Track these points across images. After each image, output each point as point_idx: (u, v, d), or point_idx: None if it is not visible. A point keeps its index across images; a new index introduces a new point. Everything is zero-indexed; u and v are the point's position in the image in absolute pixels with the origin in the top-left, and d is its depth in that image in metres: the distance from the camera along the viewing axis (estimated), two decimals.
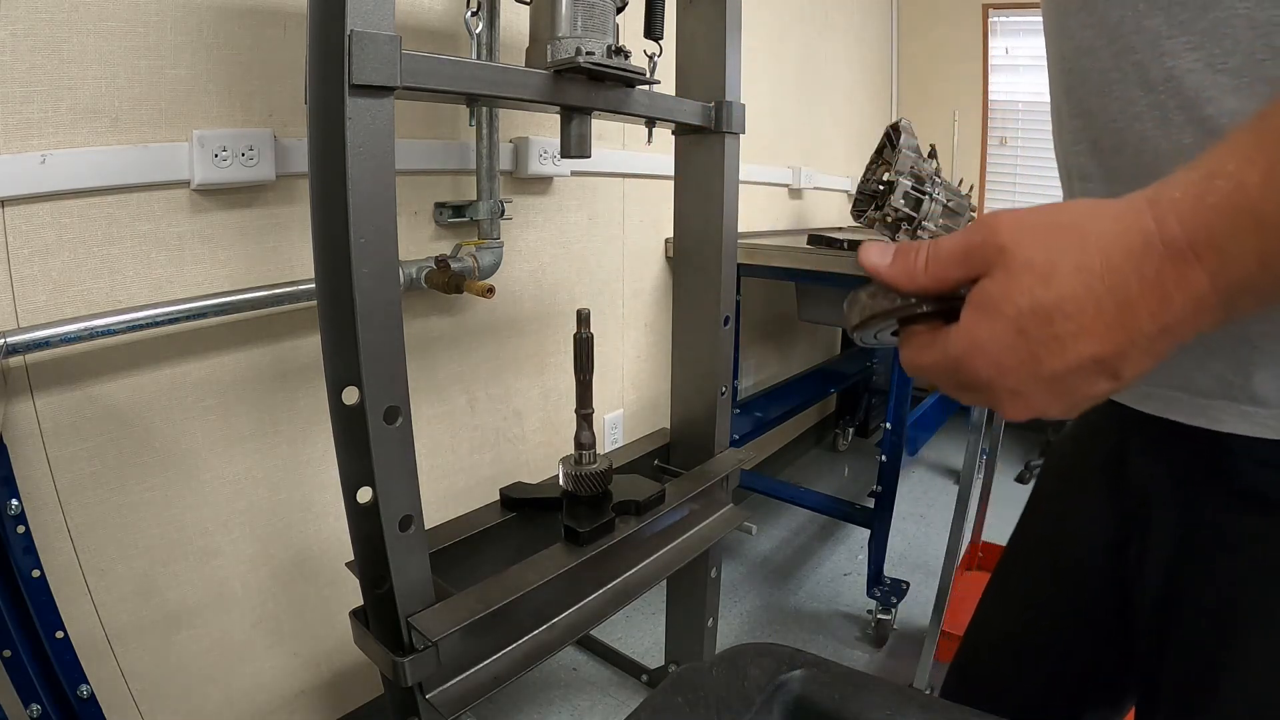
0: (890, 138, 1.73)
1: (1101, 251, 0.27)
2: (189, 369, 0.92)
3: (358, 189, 0.62)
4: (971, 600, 0.71)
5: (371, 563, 0.73)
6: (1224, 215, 0.25)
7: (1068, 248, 0.28)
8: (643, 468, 1.19)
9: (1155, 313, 0.27)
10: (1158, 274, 0.26)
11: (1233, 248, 0.25)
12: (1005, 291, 0.29)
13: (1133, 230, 0.27)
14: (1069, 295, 0.27)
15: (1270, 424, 0.36)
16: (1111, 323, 0.27)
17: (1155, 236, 0.26)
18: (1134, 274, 0.27)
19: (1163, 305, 0.27)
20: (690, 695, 0.38)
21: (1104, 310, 0.27)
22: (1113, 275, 0.27)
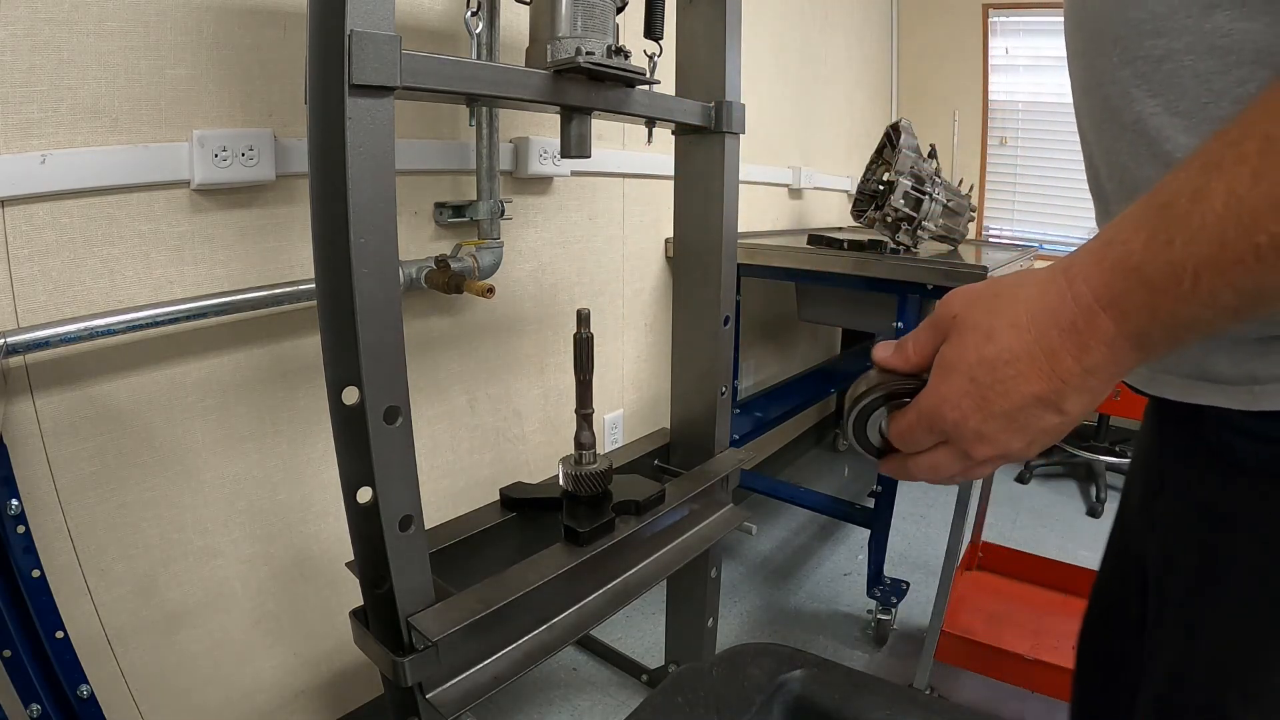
0: (890, 138, 1.73)
1: (1028, 311, 0.34)
2: (189, 369, 0.92)
3: (358, 189, 0.62)
4: (972, 600, 0.71)
5: (371, 563, 0.73)
6: (1117, 274, 0.31)
7: (1003, 311, 0.35)
8: (643, 468, 1.19)
9: (1077, 356, 0.33)
10: (1073, 325, 0.33)
11: (1127, 301, 0.31)
12: (958, 351, 0.36)
13: (1051, 293, 0.34)
14: (1006, 347, 0.34)
15: (1236, 396, 0.41)
16: (1044, 367, 0.34)
17: (1068, 295, 0.33)
18: (1054, 327, 0.33)
19: (1082, 350, 0.33)
20: (690, 695, 0.38)
21: (1035, 357, 0.34)
22: (1038, 329, 0.34)
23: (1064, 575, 1.56)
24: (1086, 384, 0.34)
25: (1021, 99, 2.81)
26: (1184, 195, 0.29)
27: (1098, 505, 2.26)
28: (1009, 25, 2.78)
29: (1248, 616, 0.43)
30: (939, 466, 0.40)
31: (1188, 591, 0.47)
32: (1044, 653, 1.32)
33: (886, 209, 1.62)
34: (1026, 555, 1.61)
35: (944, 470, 0.40)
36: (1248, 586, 0.43)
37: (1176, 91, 0.38)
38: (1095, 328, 0.32)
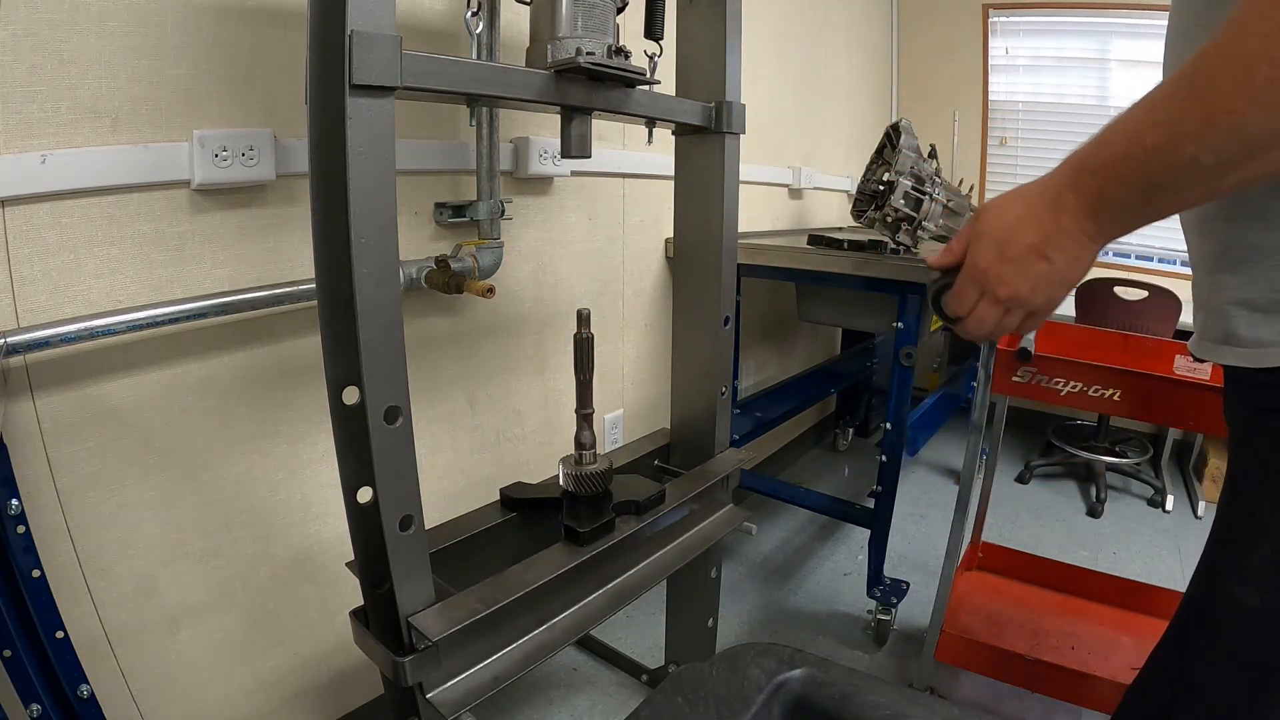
0: (890, 138, 1.73)
1: (1027, 195, 0.53)
2: (189, 369, 0.92)
3: (358, 189, 0.62)
4: (972, 600, 0.72)
5: (371, 563, 0.73)
6: (1077, 168, 0.50)
7: (1013, 200, 0.54)
8: (643, 468, 1.19)
9: (1054, 219, 0.50)
10: (1051, 199, 0.51)
11: (1080, 182, 0.49)
12: (984, 225, 0.55)
13: (1041, 184, 0.52)
14: (1012, 216, 0.53)
15: (1245, 355, 0.55)
16: (1033, 225, 0.51)
17: (1050, 184, 0.51)
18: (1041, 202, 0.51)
19: (1057, 213, 0.50)
20: (690, 695, 0.38)
21: (1028, 220, 0.52)
22: (1032, 203, 0.52)
23: (1064, 575, 1.56)
24: (1061, 240, 0.50)
25: (1021, 99, 2.81)
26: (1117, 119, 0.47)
27: (1098, 505, 2.26)
28: (1009, 25, 2.78)
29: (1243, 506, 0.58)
30: (983, 318, 0.56)
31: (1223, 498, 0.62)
32: (1044, 653, 1.32)
33: (886, 209, 1.62)
34: (1026, 555, 1.61)
35: (987, 320, 0.56)
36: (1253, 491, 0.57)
37: None
38: (1064, 201, 0.50)
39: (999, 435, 1.63)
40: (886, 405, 1.59)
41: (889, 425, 1.57)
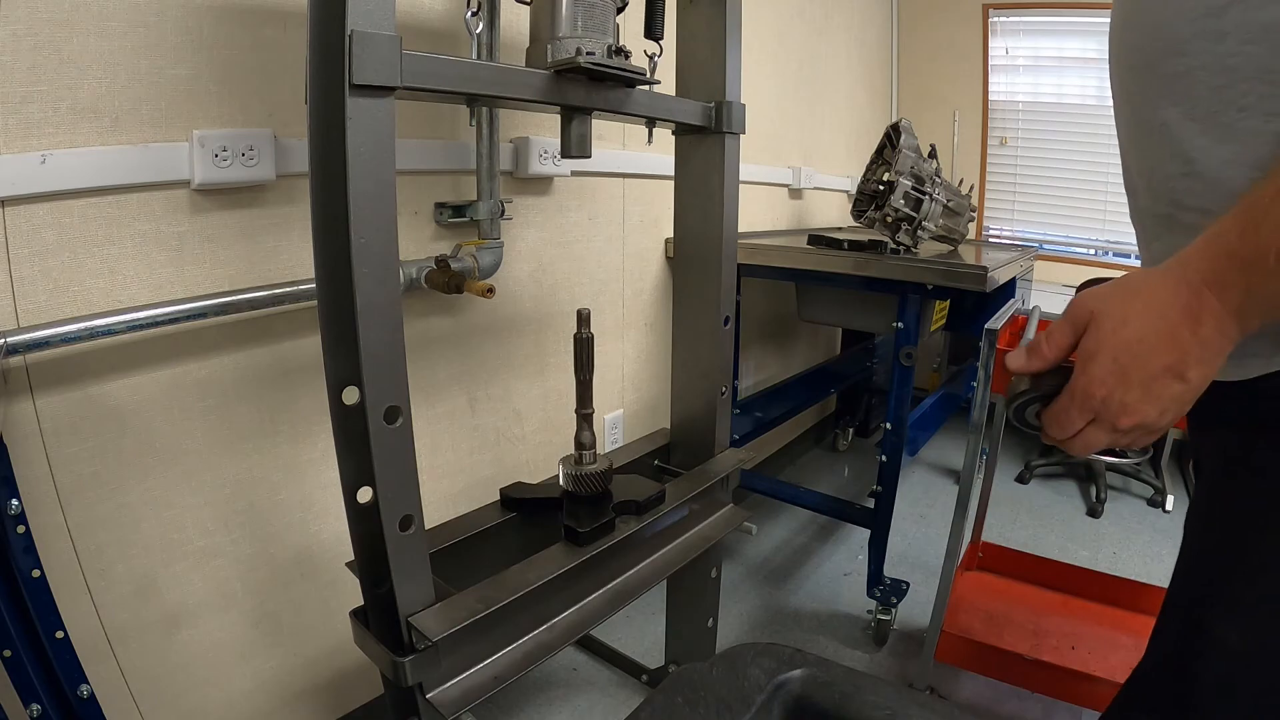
0: (890, 138, 1.73)
1: (1155, 299, 0.43)
2: (189, 369, 0.92)
3: (358, 189, 0.62)
4: (972, 600, 0.72)
5: (371, 563, 0.73)
6: (1219, 259, 0.41)
7: (1133, 302, 0.44)
8: (643, 468, 1.19)
9: (1193, 330, 0.42)
10: (1188, 305, 0.41)
11: (1226, 280, 0.40)
12: (1100, 339, 0.45)
13: (1171, 283, 0.42)
14: (1138, 329, 0.43)
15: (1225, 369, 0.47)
16: (1168, 342, 0.42)
17: (1184, 283, 0.42)
18: (1174, 308, 0.42)
19: (1196, 324, 0.41)
20: (690, 695, 0.38)
21: (1162, 334, 0.42)
22: (1161, 310, 0.42)
23: (1064, 575, 1.56)
24: (1202, 354, 0.42)
25: (1021, 99, 2.81)
26: (1268, 195, 0.38)
27: (1098, 505, 2.26)
28: (1009, 25, 2.78)
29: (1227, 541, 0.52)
30: (1091, 443, 0.48)
31: (1196, 526, 0.57)
32: (1044, 653, 1.32)
33: (886, 209, 1.62)
34: (1026, 555, 1.61)
35: (1096, 444, 0.48)
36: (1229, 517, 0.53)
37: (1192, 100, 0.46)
38: (1205, 305, 0.41)
39: (999, 435, 1.63)
40: (886, 405, 1.59)
41: (889, 425, 1.57)
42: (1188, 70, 0.45)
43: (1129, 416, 0.44)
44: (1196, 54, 0.44)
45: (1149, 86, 0.49)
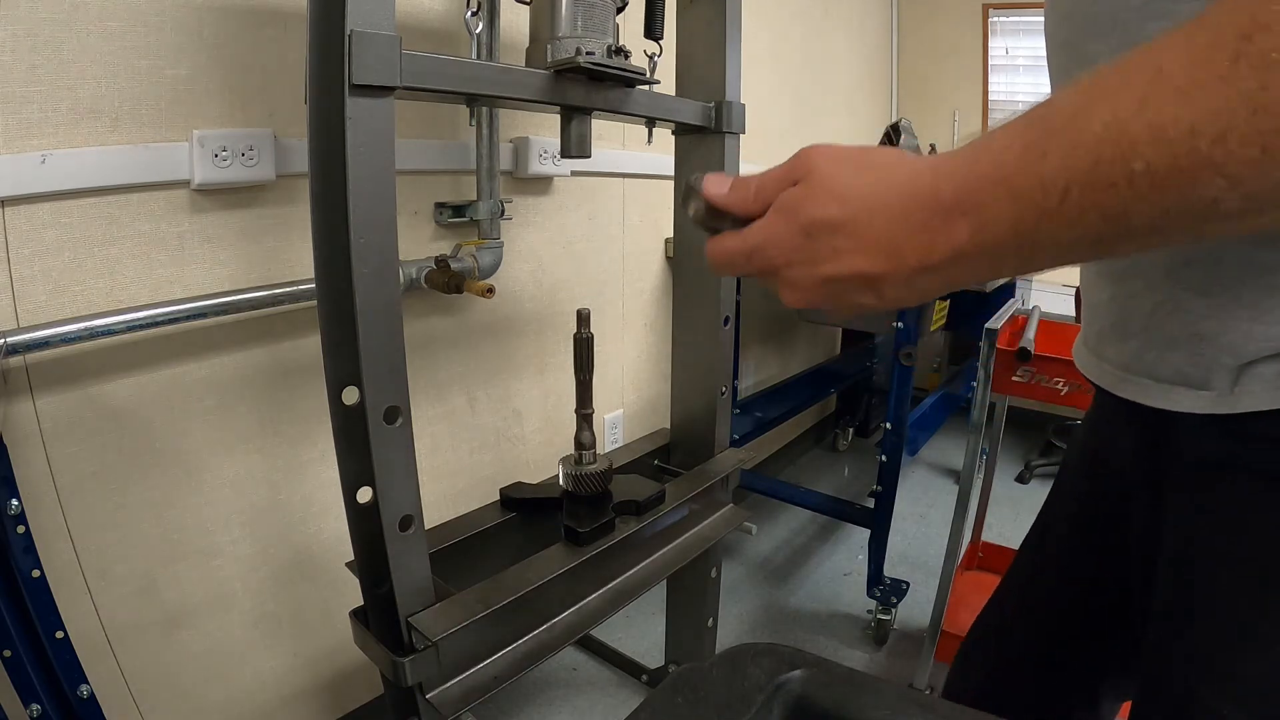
0: (890, 138, 1.73)
1: (888, 193, 0.33)
2: (189, 369, 0.92)
3: (358, 189, 0.62)
4: (972, 600, 0.72)
5: (371, 563, 0.73)
6: (985, 182, 0.31)
7: (864, 182, 0.34)
8: (643, 468, 1.19)
9: (920, 254, 0.33)
10: (926, 223, 0.32)
11: (989, 210, 0.30)
12: (804, 199, 0.35)
13: (916, 183, 0.33)
14: (853, 218, 0.34)
15: (1218, 402, 0.42)
16: (883, 250, 0.33)
17: (931, 193, 0.32)
18: (906, 218, 0.33)
19: (928, 249, 0.32)
20: (690, 695, 0.38)
21: (879, 239, 0.33)
22: (891, 213, 0.33)
23: None
24: (914, 280, 0.34)
25: (1021, 99, 2.81)
26: (1064, 113, 0.29)
27: None
28: (1009, 25, 2.78)
29: (1225, 607, 0.45)
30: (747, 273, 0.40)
31: (1176, 584, 0.48)
32: None
33: None
34: None
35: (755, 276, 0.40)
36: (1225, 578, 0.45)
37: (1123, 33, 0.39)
38: (949, 231, 0.32)
39: (999, 435, 1.63)
40: (886, 405, 1.59)
41: (889, 425, 1.57)
42: None
43: (795, 294, 0.37)
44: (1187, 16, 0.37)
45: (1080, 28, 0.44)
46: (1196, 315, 0.42)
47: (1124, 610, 0.59)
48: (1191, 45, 0.26)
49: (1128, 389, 0.49)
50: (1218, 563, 0.45)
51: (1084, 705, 0.65)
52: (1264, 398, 0.40)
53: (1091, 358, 0.55)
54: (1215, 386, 0.42)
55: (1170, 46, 0.27)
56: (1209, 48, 0.25)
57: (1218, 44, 0.25)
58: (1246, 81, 0.24)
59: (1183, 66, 0.26)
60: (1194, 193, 0.26)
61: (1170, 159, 0.26)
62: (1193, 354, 0.43)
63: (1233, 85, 0.25)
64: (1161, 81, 0.26)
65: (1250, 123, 0.24)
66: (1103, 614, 0.62)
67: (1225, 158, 0.25)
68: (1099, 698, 0.65)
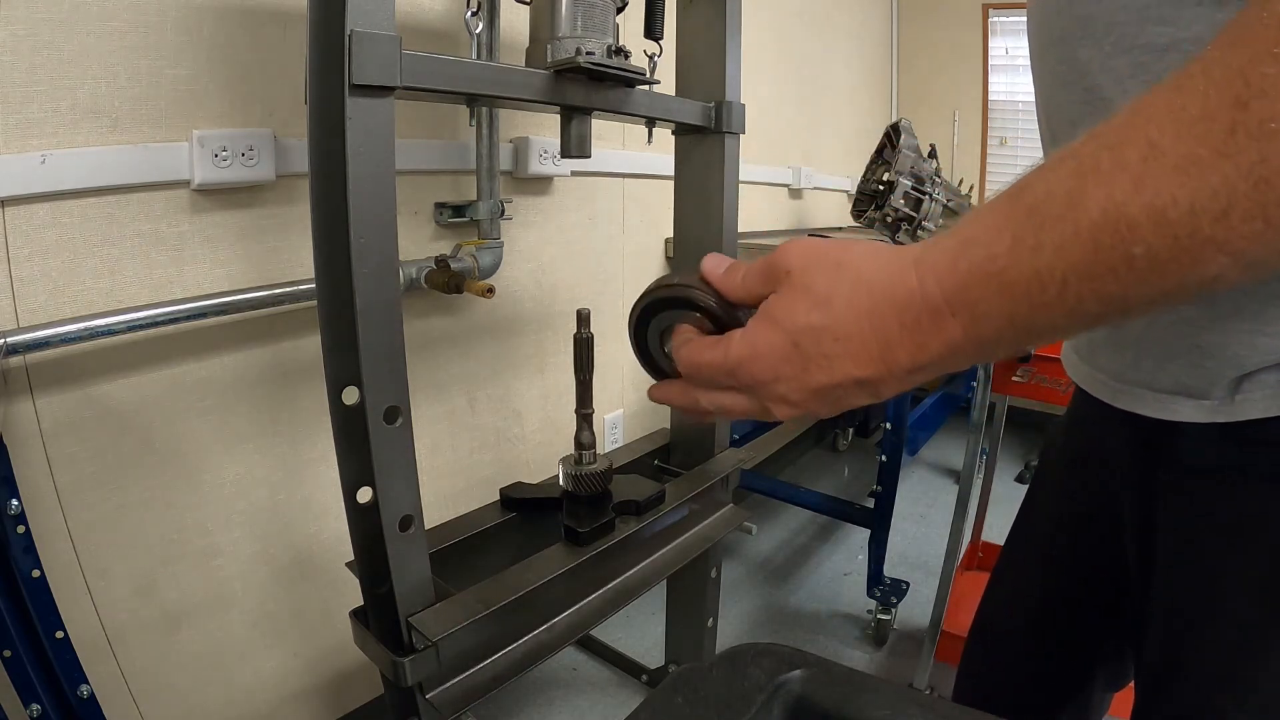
0: (890, 138, 1.73)
1: (871, 295, 0.32)
2: (189, 369, 0.92)
3: (358, 189, 0.62)
4: (971, 600, 0.72)
5: (371, 563, 0.73)
6: (975, 278, 0.29)
7: (844, 283, 0.32)
8: (643, 468, 1.19)
9: (912, 354, 0.31)
10: (916, 323, 0.31)
11: (981, 307, 0.29)
12: (787, 310, 0.34)
13: (898, 284, 0.31)
14: (840, 323, 0.32)
15: (1218, 410, 0.42)
16: (874, 355, 0.32)
17: (917, 293, 0.30)
18: (896, 320, 0.31)
19: (919, 349, 0.31)
20: (690, 695, 0.38)
21: (868, 344, 0.32)
22: (879, 317, 0.31)
23: None
24: (909, 379, 0.33)
25: (1021, 99, 2.81)
26: (1056, 198, 0.27)
27: None
28: (1009, 25, 2.78)
29: (1237, 615, 0.44)
30: (729, 409, 0.38)
31: (1180, 590, 0.48)
32: None
33: (886, 209, 1.62)
34: None
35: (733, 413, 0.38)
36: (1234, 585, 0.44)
37: None
38: (939, 330, 0.30)
39: (999, 435, 1.63)
40: (886, 405, 1.59)
41: (889, 425, 1.57)
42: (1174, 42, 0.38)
43: (788, 409, 0.35)
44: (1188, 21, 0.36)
45: (1113, 62, 0.42)
46: (1197, 327, 0.41)
47: (1116, 605, 0.59)
48: (1184, 116, 0.25)
49: (1123, 399, 0.49)
50: (1225, 569, 0.44)
51: (1075, 696, 0.66)
52: (1265, 405, 0.40)
53: (1084, 366, 0.54)
54: (1215, 396, 0.42)
55: (1160, 117, 0.25)
56: (1203, 119, 0.24)
57: (1211, 115, 0.24)
58: (1246, 155, 0.23)
59: (1176, 140, 0.25)
60: (1196, 272, 0.25)
61: (1171, 241, 0.25)
62: (1192, 365, 0.42)
63: (1231, 160, 0.23)
64: (1157, 159, 0.25)
65: (1252, 197, 0.23)
66: (1094, 608, 0.63)
67: (1228, 235, 0.24)
68: (1090, 688, 0.66)
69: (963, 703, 0.48)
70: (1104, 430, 0.57)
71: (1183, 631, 0.47)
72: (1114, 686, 0.67)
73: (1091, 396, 0.54)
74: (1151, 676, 0.51)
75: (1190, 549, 0.47)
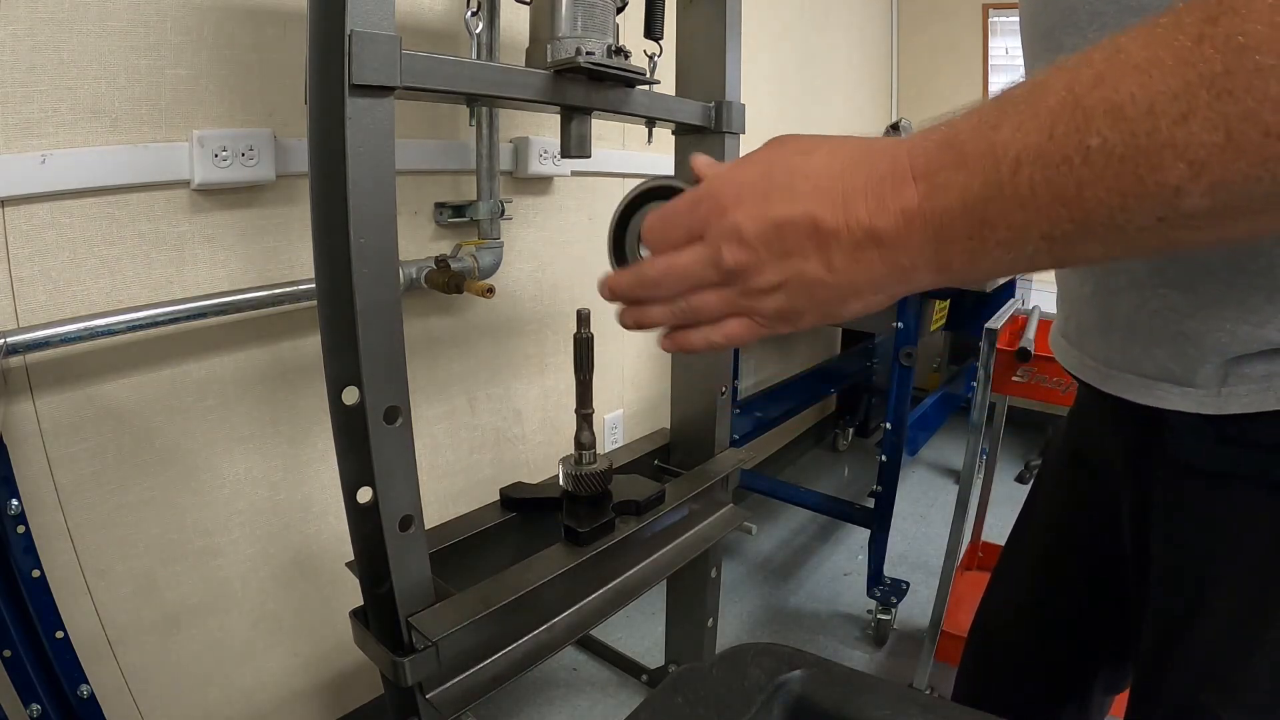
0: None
1: (851, 154, 0.33)
2: (189, 369, 0.92)
3: (358, 189, 0.62)
4: (971, 600, 0.72)
5: (371, 563, 0.73)
6: (938, 148, 0.30)
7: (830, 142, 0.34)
8: (643, 468, 1.19)
9: (870, 210, 0.32)
10: (880, 179, 0.32)
11: (940, 177, 0.30)
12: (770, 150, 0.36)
13: (879, 152, 0.33)
14: (814, 166, 0.33)
15: (1205, 401, 0.42)
16: (835, 201, 0.32)
17: (889, 155, 0.32)
18: (864, 175, 0.32)
19: (878, 207, 0.31)
20: (690, 695, 0.38)
21: (833, 189, 0.32)
22: (850, 170, 0.32)
23: None
24: (862, 249, 0.32)
25: None
26: (1023, 89, 0.28)
27: None
28: (1009, 25, 2.78)
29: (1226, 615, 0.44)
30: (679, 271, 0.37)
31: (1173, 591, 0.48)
32: None
33: None
34: None
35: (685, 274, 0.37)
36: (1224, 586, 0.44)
37: None
38: (900, 191, 0.31)
39: (999, 435, 1.63)
40: (886, 405, 1.59)
41: (889, 425, 1.57)
42: None
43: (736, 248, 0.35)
44: None
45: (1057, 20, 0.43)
46: (1181, 314, 0.42)
47: (1116, 605, 0.59)
48: (1154, 27, 0.25)
49: (1111, 384, 0.49)
50: (1216, 570, 0.45)
51: (1075, 698, 0.66)
52: (1252, 399, 0.40)
53: (1073, 351, 0.54)
54: (1202, 384, 0.42)
55: (1133, 29, 0.26)
56: (1171, 28, 0.25)
57: (1180, 26, 0.24)
58: (1210, 64, 0.23)
59: (1143, 46, 0.25)
60: (1154, 176, 0.25)
61: (1129, 136, 0.25)
62: (1177, 351, 0.42)
63: (1194, 67, 0.24)
64: (1119, 59, 0.25)
65: (1214, 107, 0.23)
66: (1093, 611, 0.63)
67: (1187, 140, 0.24)
68: (1090, 691, 0.65)
69: (963, 703, 0.48)
70: (1102, 430, 0.57)
71: (1173, 629, 0.48)
72: (1114, 689, 0.66)
73: (1089, 396, 0.55)
74: (1143, 674, 0.52)
75: (1182, 548, 0.47)
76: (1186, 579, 0.47)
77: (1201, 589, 0.45)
